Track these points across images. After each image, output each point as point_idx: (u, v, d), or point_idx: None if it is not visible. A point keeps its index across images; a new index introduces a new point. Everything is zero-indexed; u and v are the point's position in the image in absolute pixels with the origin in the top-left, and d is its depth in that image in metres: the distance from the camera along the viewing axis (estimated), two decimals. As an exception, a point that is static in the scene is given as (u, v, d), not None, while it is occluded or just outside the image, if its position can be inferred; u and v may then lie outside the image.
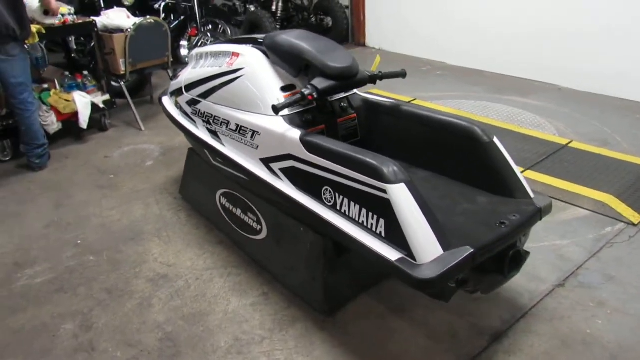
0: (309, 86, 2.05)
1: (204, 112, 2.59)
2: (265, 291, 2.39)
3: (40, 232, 2.97)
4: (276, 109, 2.00)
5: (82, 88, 4.26)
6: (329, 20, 6.70)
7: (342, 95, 2.38)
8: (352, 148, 1.84)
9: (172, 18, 5.81)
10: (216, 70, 2.54)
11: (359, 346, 2.06)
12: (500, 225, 1.75)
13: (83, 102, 4.08)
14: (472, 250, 1.62)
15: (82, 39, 5.17)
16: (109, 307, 2.34)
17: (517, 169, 1.96)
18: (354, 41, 6.86)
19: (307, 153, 1.97)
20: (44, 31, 3.71)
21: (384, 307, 2.24)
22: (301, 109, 2.24)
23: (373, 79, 2.24)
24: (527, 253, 1.92)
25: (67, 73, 4.28)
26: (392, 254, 1.67)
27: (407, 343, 2.06)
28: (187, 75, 2.78)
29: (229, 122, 2.41)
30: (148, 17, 4.34)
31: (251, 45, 2.48)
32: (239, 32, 6.08)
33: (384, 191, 1.67)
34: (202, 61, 2.73)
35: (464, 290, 1.80)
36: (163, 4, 5.71)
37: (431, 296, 1.76)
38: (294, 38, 2.26)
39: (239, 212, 2.61)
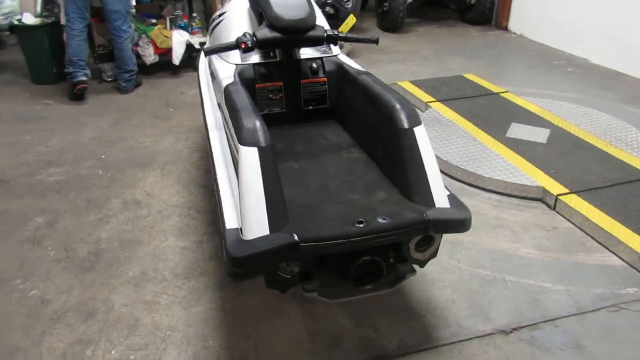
0: (247, 34, 1.92)
1: None
2: (202, 240, 2.38)
3: (84, 142, 3.37)
4: (204, 51, 1.93)
5: (188, 29, 4.61)
6: (472, -2, 6.09)
7: (316, 55, 2.18)
8: (246, 106, 1.68)
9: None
10: (217, 14, 2.53)
11: (237, 317, 1.94)
12: (356, 224, 1.45)
13: (179, 41, 4.42)
14: (294, 240, 1.38)
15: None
16: (78, 214, 2.58)
17: (432, 170, 1.57)
18: (496, 23, 6.11)
19: (223, 103, 1.87)
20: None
21: (291, 292, 2.06)
22: (260, 62, 2.11)
23: (331, 38, 1.99)
24: (408, 270, 1.57)
25: (178, 12, 4.66)
26: (232, 222, 1.51)
27: (284, 331, 1.87)
28: None
29: (211, 67, 2.39)
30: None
31: None
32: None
33: (237, 151, 1.51)
34: None
35: (301, 286, 1.54)
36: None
37: (267, 284, 1.55)
38: None
39: None
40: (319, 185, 1.71)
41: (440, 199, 1.56)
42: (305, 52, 2.18)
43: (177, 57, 4.43)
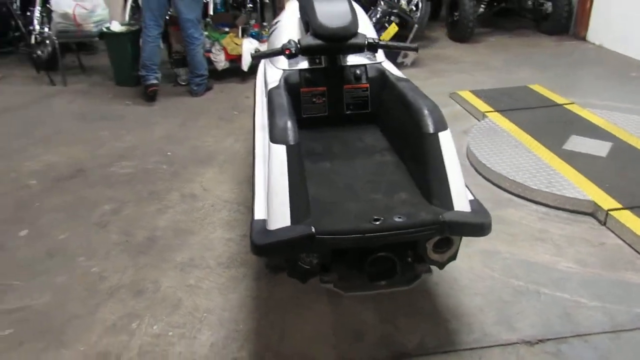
0: (292, 41, 2.04)
1: None
2: (246, 234, 2.51)
3: (154, 139, 3.67)
4: (252, 56, 2.08)
5: (258, 37, 4.86)
6: (548, 6, 5.87)
7: (360, 62, 2.26)
8: (282, 107, 1.81)
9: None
10: (274, 22, 2.69)
11: (268, 306, 2.06)
12: (372, 221, 1.51)
13: (248, 48, 4.66)
14: (311, 232, 1.47)
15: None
16: (141, 203, 2.84)
17: (454, 174, 1.60)
18: (574, 33, 5.85)
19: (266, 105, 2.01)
20: (225, -19, 4.36)
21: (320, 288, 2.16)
22: (306, 67, 2.23)
23: (372, 46, 2.07)
24: (425, 270, 1.61)
25: (251, 21, 4.93)
26: (260, 214, 1.64)
27: (308, 322, 1.97)
28: None
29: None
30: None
31: None
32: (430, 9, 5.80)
33: (269, 148, 1.64)
34: None
35: (320, 277, 1.63)
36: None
37: (288, 274, 1.65)
38: None
39: None
40: (346, 184, 1.79)
41: (460, 203, 1.59)
42: (351, 59, 2.27)
43: (245, 63, 4.68)
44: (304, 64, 2.25)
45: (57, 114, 4.21)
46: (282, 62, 2.27)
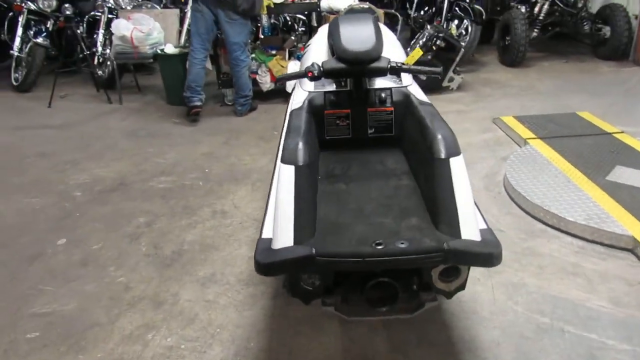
0: (315, 64, 2.08)
1: None
2: (269, 252, 2.56)
3: (195, 156, 3.80)
4: (276, 78, 2.12)
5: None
6: (606, 30, 5.64)
7: (386, 85, 2.26)
8: (297, 128, 1.84)
9: (420, 8, 5.99)
10: (307, 44, 2.75)
11: (281, 325, 2.07)
12: (374, 244, 1.49)
13: (293, 70, 4.77)
14: (311, 253, 1.47)
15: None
16: (173, 217, 2.94)
17: (464, 201, 1.56)
18: (634, 59, 5.57)
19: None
20: (272, 5, 4.50)
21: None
22: (330, 90, 2.26)
23: (395, 70, 2.06)
24: (430, 299, 1.56)
25: (299, 44, 5.05)
26: (267, 233, 1.66)
27: (319, 345, 1.96)
28: None
29: None
30: (362, 2, 4.68)
31: None
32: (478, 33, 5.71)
33: (279, 168, 1.67)
34: None
35: (322, 300, 1.61)
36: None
37: (292, 294, 1.65)
38: (342, 19, 2.27)
39: None
40: (357, 206, 1.78)
41: (469, 231, 1.54)
42: (376, 82, 2.28)
43: (290, 85, 4.78)
44: (329, 87, 2.28)
45: (111, 131, 4.46)
46: (308, 84, 2.31)
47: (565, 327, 1.97)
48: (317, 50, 2.53)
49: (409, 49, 5.21)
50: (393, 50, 2.46)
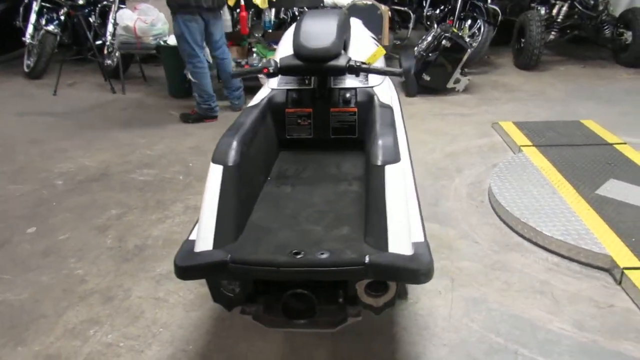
0: (272, 60, 2.00)
1: None
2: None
3: (182, 150, 3.77)
4: (231, 74, 2.06)
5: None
6: (628, 35, 5.37)
7: (351, 85, 2.17)
8: (237, 126, 1.78)
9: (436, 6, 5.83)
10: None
11: (224, 329, 2.01)
12: (292, 254, 1.41)
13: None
14: (225, 259, 1.40)
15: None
16: (145, 211, 2.91)
17: (396, 212, 1.45)
18: (655, 66, 5.29)
19: None
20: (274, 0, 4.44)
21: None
22: (293, 87, 2.18)
23: (353, 69, 1.96)
24: (354, 314, 1.47)
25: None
26: (194, 235, 1.60)
27: (258, 351, 1.89)
28: None
29: None
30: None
31: None
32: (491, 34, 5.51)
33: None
34: None
35: (242, 307, 1.54)
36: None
37: (213, 299, 1.59)
38: (307, 14, 2.19)
39: None
40: (292, 211, 1.70)
41: (399, 245, 1.43)
42: (341, 81, 2.18)
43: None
44: (293, 84, 2.20)
45: (107, 120, 4.48)
46: (272, 81, 2.23)
47: (520, 350, 1.85)
48: (286, 46, 2.44)
49: (415, 48, 5.07)
50: (363, 48, 2.36)
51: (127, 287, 2.27)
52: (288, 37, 2.52)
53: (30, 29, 5.75)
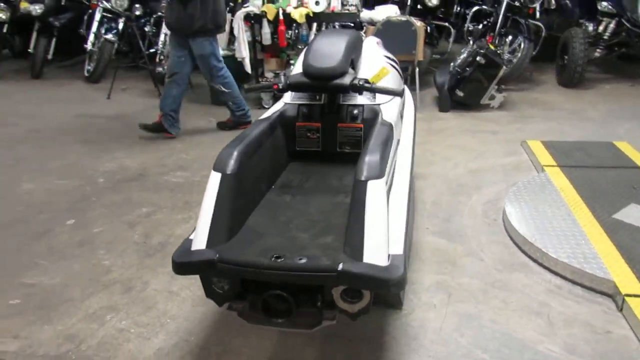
0: (283, 77, 2.15)
1: None
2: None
3: (215, 155, 3.96)
4: (245, 89, 2.22)
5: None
6: (679, 55, 5.16)
7: (359, 102, 2.28)
8: (242, 136, 1.92)
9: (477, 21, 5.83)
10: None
11: (225, 324, 2.16)
12: (273, 258, 1.53)
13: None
14: (213, 258, 1.55)
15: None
16: (172, 211, 3.13)
17: (373, 225, 1.54)
18: None
19: None
20: (311, 14, 4.60)
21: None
22: (306, 102, 2.31)
23: (356, 88, 2.07)
24: (329, 317, 1.57)
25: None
26: (194, 234, 1.76)
27: (252, 347, 2.03)
28: None
29: None
30: (401, 15, 4.64)
31: None
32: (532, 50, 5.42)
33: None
34: None
35: (230, 304, 1.67)
36: (475, 9, 5.76)
37: (206, 295, 1.73)
38: (321, 34, 2.32)
39: None
40: (287, 219, 1.83)
41: (374, 256, 1.53)
42: (350, 98, 2.29)
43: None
44: (303, 99, 2.33)
45: (152, 124, 4.78)
46: (286, 95, 2.38)
47: (503, 368, 1.89)
48: (300, 64, 2.58)
49: (452, 63, 5.09)
50: (374, 68, 2.45)
51: (146, 280, 2.47)
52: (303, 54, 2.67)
53: (91, 37, 6.22)
